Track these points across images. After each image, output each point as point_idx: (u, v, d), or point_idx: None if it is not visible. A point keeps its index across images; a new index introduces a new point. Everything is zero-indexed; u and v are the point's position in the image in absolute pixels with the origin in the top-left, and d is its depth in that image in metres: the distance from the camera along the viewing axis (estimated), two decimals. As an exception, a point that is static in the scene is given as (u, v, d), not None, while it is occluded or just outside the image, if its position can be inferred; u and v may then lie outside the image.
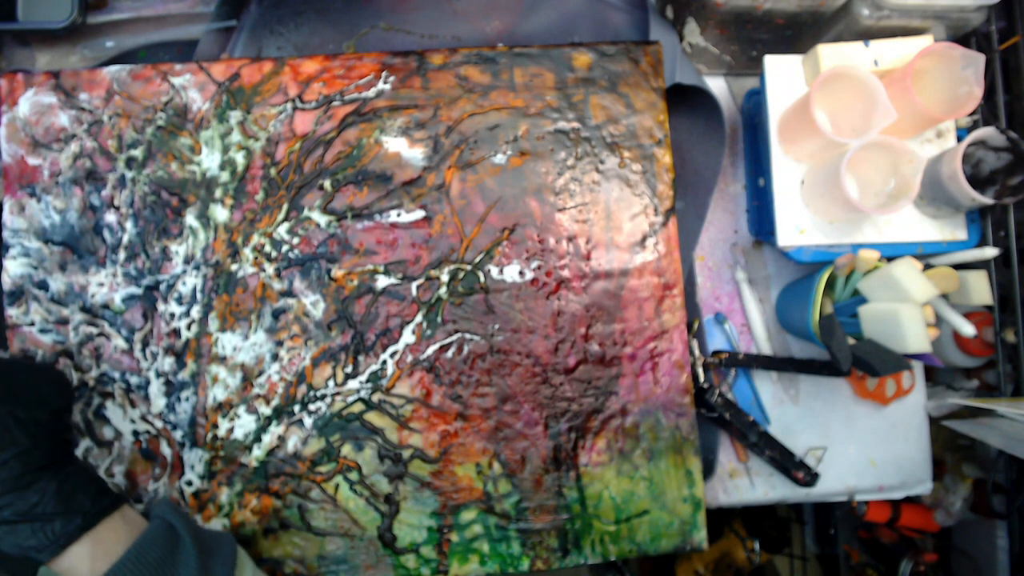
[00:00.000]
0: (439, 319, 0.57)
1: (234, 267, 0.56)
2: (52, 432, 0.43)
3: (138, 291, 0.55)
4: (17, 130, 0.56)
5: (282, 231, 0.56)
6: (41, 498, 0.40)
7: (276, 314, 0.56)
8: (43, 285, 0.55)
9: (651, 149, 0.59)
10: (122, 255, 0.56)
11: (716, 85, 0.68)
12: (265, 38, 0.63)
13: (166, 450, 0.55)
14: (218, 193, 0.56)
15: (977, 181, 0.56)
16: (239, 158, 0.57)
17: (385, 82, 0.58)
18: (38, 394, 0.44)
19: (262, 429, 0.55)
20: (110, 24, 0.62)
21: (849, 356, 0.55)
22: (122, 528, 0.42)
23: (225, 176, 0.56)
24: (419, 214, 0.57)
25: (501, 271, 0.57)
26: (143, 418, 0.55)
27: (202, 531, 0.44)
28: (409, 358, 0.56)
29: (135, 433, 0.55)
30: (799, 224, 0.59)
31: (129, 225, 0.56)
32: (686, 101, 0.63)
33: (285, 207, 0.57)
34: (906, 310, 0.52)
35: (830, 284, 0.59)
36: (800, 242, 0.59)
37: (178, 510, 0.44)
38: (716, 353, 0.64)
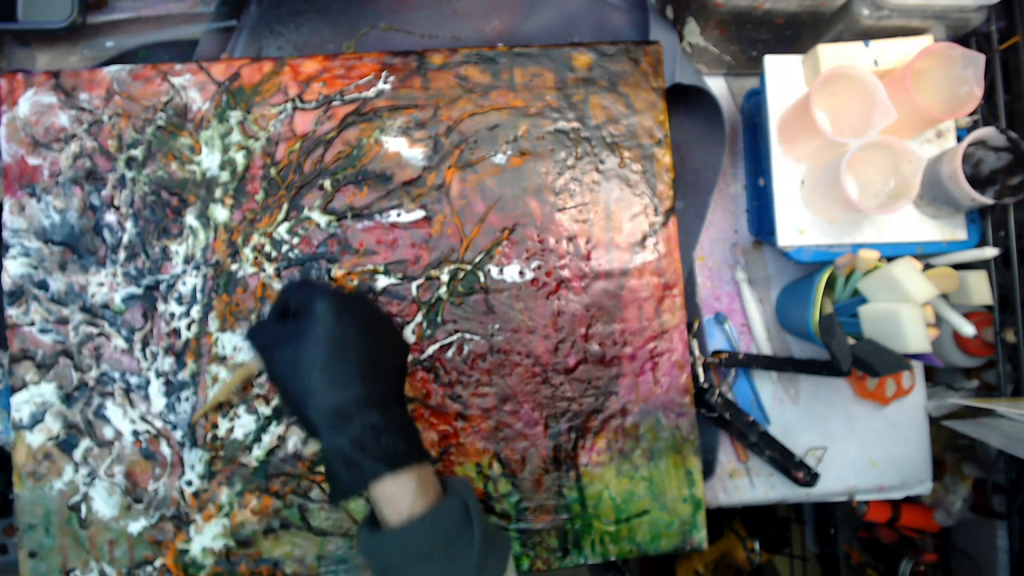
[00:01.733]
0: (439, 319, 0.57)
1: (234, 267, 0.56)
2: (402, 376, 0.49)
3: (138, 291, 0.55)
4: (17, 130, 0.56)
5: (282, 231, 0.56)
6: (395, 421, 0.43)
7: (276, 314, 0.56)
8: (43, 285, 0.55)
9: (651, 149, 0.59)
10: (122, 255, 0.56)
11: (716, 85, 0.68)
12: (265, 38, 0.63)
13: (166, 450, 0.55)
14: (218, 193, 0.56)
15: (977, 181, 0.56)
16: (239, 158, 0.57)
17: (385, 82, 0.58)
18: (399, 343, 0.48)
19: (262, 429, 0.55)
20: (110, 24, 0.62)
21: (849, 356, 0.55)
22: (435, 481, 0.44)
23: (225, 176, 0.56)
24: (419, 214, 0.57)
25: (501, 271, 0.57)
26: (143, 418, 0.55)
27: (488, 523, 0.45)
28: (409, 358, 0.56)
29: (135, 433, 0.55)
30: (799, 224, 0.59)
31: (129, 225, 0.56)
32: (686, 101, 0.63)
33: (285, 207, 0.57)
34: (906, 310, 0.52)
35: (830, 284, 0.59)
36: (800, 242, 0.59)
37: (471, 490, 0.45)
38: (716, 353, 0.64)
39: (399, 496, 0.41)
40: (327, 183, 0.57)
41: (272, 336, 0.45)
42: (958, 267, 0.59)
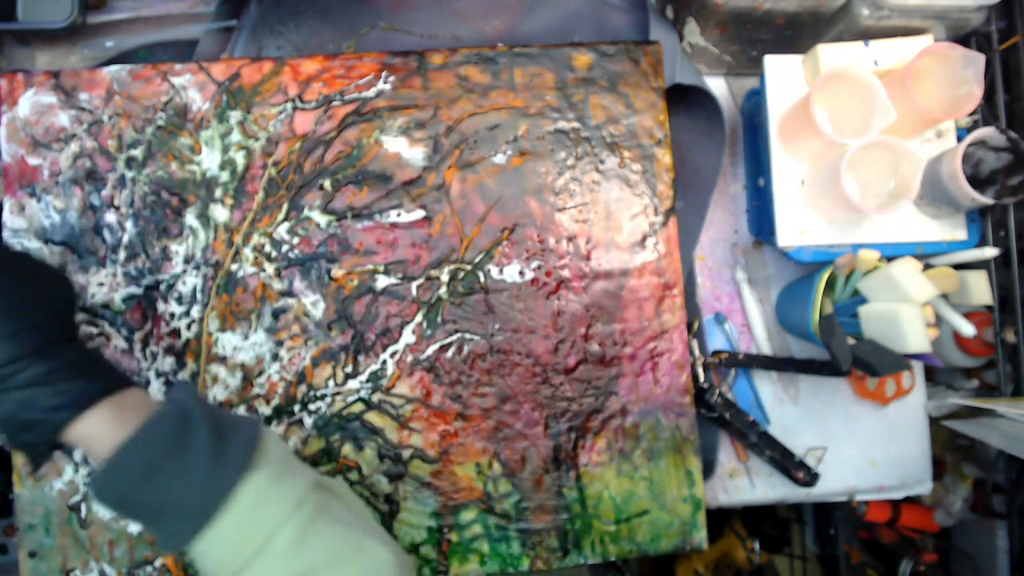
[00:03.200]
0: (439, 319, 0.57)
1: (234, 267, 0.56)
2: (65, 313, 0.44)
3: (138, 291, 0.55)
4: (17, 130, 0.56)
5: (282, 231, 0.56)
6: (60, 364, 0.40)
7: (276, 314, 0.56)
8: (43, 285, 0.55)
9: (651, 149, 0.59)
10: (122, 255, 0.56)
11: (716, 85, 0.68)
12: (265, 38, 0.63)
13: (166, 450, 0.55)
14: (218, 193, 0.56)
15: (977, 181, 0.56)
16: (239, 158, 0.57)
17: (385, 82, 0.58)
18: (49, 281, 0.44)
19: (262, 429, 0.55)
20: (110, 24, 0.62)
21: (849, 356, 0.55)
22: (140, 401, 0.41)
23: (225, 176, 0.56)
24: (419, 214, 0.57)
25: (501, 271, 0.57)
26: (143, 418, 0.55)
27: (223, 415, 0.42)
28: (409, 358, 0.56)
29: (135, 433, 0.54)
30: (799, 224, 0.59)
31: (129, 225, 0.56)
32: (686, 101, 0.63)
33: (285, 207, 0.57)
34: (906, 310, 0.52)
35: (830, 284, 0.59)
36: (800, 242, 0.59)
37: (196, 395, 0.43)
38: (716, 353, 0.64)
39: (96, 432, 0.39)
40: (327, 183, 0.57)
41: None
42: (958, 267, 0.59)
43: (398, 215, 0.57)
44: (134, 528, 0.54)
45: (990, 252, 0.59)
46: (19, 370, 0.39)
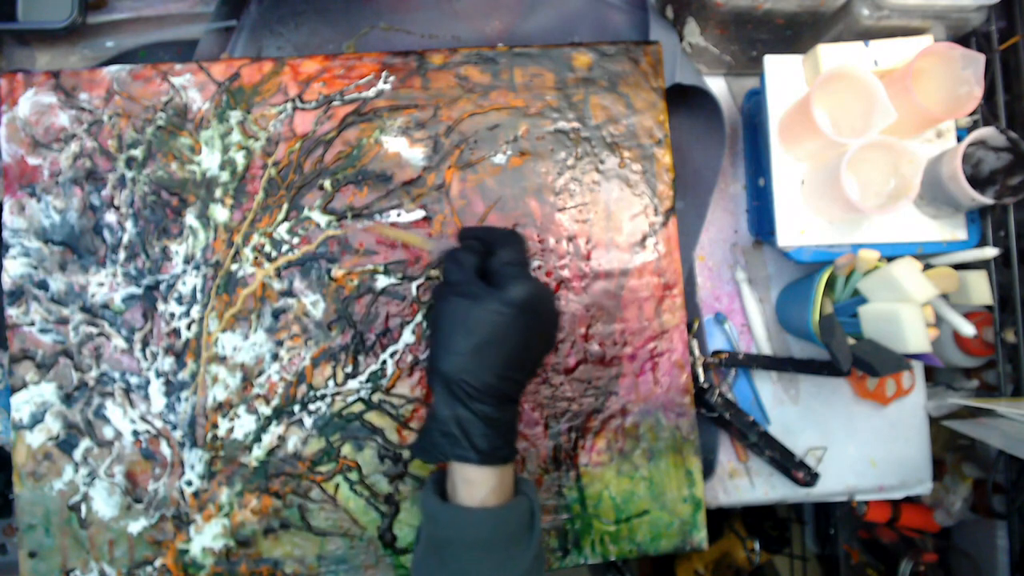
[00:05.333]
0: (439, 319, 0.57)
1: (234, 267, 0.56)
2: (532, 374, 0.50)
3: (138, 291, 0.55)
4: (17, 130, 0.56)
5: (282, 231, 0.56)
6: (505, 418, 0.45)
7: (276, 314, 0.56)
8: (43, 285, 0.55)
9: (651, 149, 0.59)
10: (122, 255, 0.56)
11: (716, 85, 0.68)
12: (265, 38, 0.63)
13: (166, 450, 0.55)
14: (218, 193, 0.56)
15: (977, 181, 0.56)
16: (239, 158, 0.57)
17: (385, 82, 0.58)
18: (545, 342, 0.50)
19: (262, 429, 0.55)
20: (110, 24, 0.62)
21: (849, 356, 0.55)
22: (511, 478, 0.46)
23: (225, 176, 0.56)
24: (419, 214, 0.57)
25: (501, 271, 0.57)
26: (143, 418, 0.55)
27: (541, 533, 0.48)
28: (409, 358, 0.56)
29: (135, 433, 0.55)
30: (799, 224, 0.59)
31: (129, 225, 0.56)
32: (686, 101, 0.63)
33: (285, 207, 0.57)
34: (906, 310, 0.52)
35: (830, 284, 0.59)
36: (800, 242, 0.59)
37: (539, 501, 0.48)
38: (716, 353, 0.64)
39: (479, 484, 0.44)
40: (327, 183, 0.57)
41: (466, 284, 0.45)
42: (958, 267, 0.59)
43: (398, 215, 0.57)
44: (134, 528, 0.54)
45: (990, 252, 0.59)
46: (486, 401, 0.44)
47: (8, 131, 0.56)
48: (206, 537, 0.54)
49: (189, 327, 0.55)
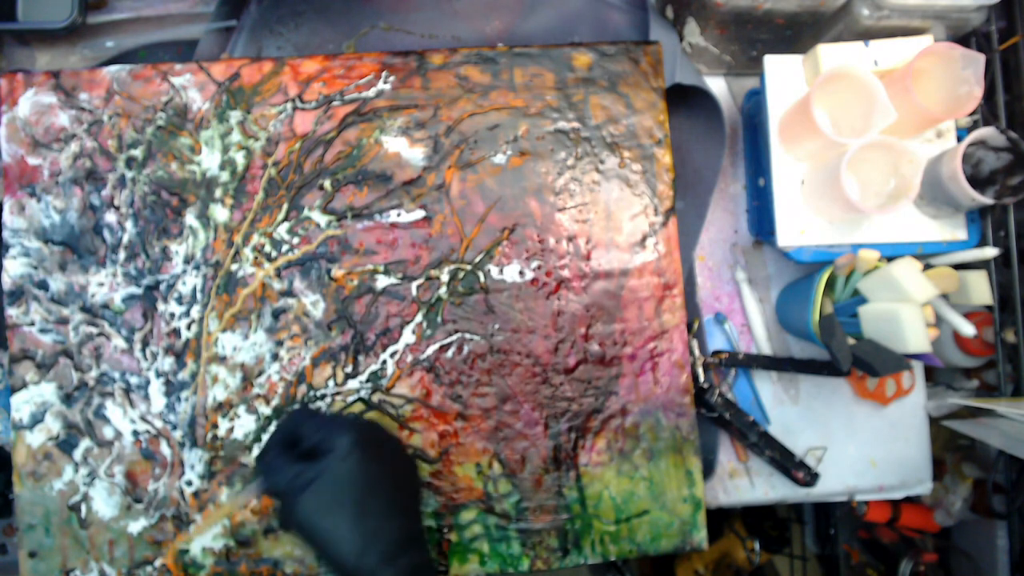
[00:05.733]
0: (439, 319, 0.57)
1: (234, 267, 0.56)
2: (419, 513, 0.51)
3: (138, 291, 0.55)
4: (17, 130, 0.56)
5: (282, 231, 0.56)
6: (407, 567, 0.43)
7: (276, 314, 0.56)
8: (43, 285, 0.55)
9: (651, 149, 0.59)
10: (122, 255, 0.56)
11: (716, 85, 0.68)
12: (265, 38, 0.63)
13: (166, 450, 0.55)
14: (218, 193, 0.56)
15: (977, 181, 0.56)
16: (239, 158, 0.57)
17: (385, 82, 0.58)
18: (415, 481, 0.51)
19: (262, 429, 0.55)
20: (110, 24, 0.62)
21: (849, 356, 0.55)
22: None
23: (225, 176, 0.56)
24: (419, 214, 0.57)
25: (501, 271, 0.57)
26: (143, 418, 0.55)
27: None
28: (409, 358, 0.56)
29: (135, 433, 0.55)
30: (799, 224, 0.59)
31: (129, 225, 0.56)
32: (686, 101, 0.63)
33: (285, 207, 0.57)
34: (906, 310, 0.52)
35: (830, 284, 0.59)
36: (800, 242, 0.59)
37: None
38: (716, 353, 0.64)
39: None
40: (327, 183, 0.57)
41: (291, 479, 0.43)
42: (958, 267, 0.59)
43: (398, 215, 0.57)
44: (134, 528, 0.54)
45: (990, 252, 0.59)
46: (406, 554, 0.43)
47: (8, 131, 0.56)
48: (206, 537, 0.54)
49: (189, 327, 0.55)
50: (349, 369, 0.56)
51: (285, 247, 0.56)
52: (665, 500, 0.57)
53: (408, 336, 0.56)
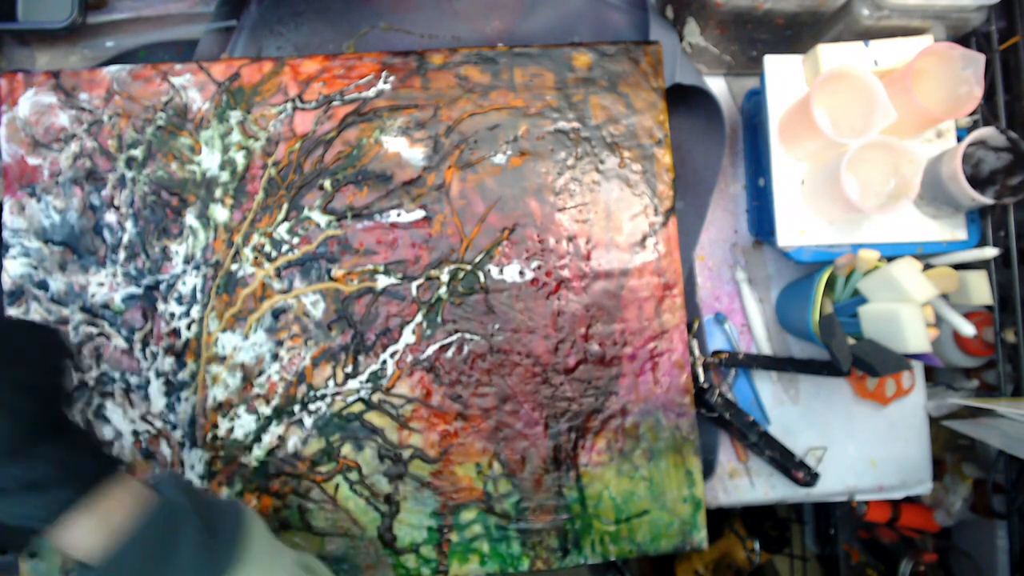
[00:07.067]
0: (439, 319, 0.57)
1: (234, 267, 0.56)
2: (49, 397, 0.40)
3: (138, 291, 0.55)
4: (17, 130, 0.56)
5: (282, 231, 0.56)
6: (38, 464, 0.36)
7: (276, 314, 0.56)
8: (43, 285, 0.55)
9: (651, 149, 0.59)
10: (122, 255, 0.56)
11: (716, 85, 0.68)
12: (265, 38, 0.63)
13: (166, 450, 0.55)
14: (218, 193, 0.56)
15: (977, 181, 0.56)
16: (239, 158, 0.57)
17: (385, 82, 0.58)
18: (33, 356, 0.40)
19: (262, 429, 0.55)
20: (110, 24, 0.62)
21: (849, 356, 0.55)
22: (125, 498, 0.38)
23: (225, 176, 0.56)
24: (419, 214, 0.57)
25: (501, 271, 0.57)
26: (143, 418, 0.55)
27: (210, 504, 0.41)
28: (409, 358, 0.56)
29: (135, 433, 0.55)
30: (799, 224, 0.59)
31: (129, 225, 0.56)
32: (686, 101, 0.63)
33: (285, 207, 0.57)
34: (906, 310, 0.52)
35: (830, 284, 0.59)
36: (800, 242, 0.59)
37: (183, 484, 0.41)
38: (716, 353, 0.64)
39: (79, 542, 0.36)
40: (327, 183, 0.57)
41: None
42: (958, 267, 0.59)
43: (398, 215, 0.57)
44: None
45: (990, 252, 0.59)
46: (28, 447, 0.36)
47: (8, 131, 0.56)
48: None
49: (189, 327, 0.55)
50: (349, 369, 0.56)
51: (285, 247, 0.56)
52: (665, 500, 0.57)
53: (408, 336, 0.56)
